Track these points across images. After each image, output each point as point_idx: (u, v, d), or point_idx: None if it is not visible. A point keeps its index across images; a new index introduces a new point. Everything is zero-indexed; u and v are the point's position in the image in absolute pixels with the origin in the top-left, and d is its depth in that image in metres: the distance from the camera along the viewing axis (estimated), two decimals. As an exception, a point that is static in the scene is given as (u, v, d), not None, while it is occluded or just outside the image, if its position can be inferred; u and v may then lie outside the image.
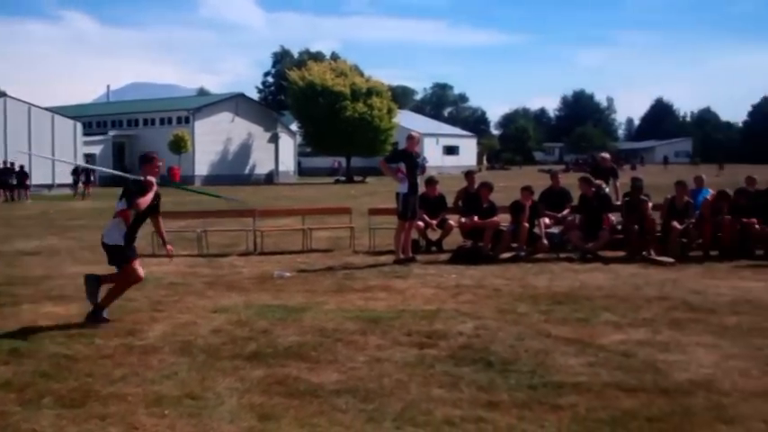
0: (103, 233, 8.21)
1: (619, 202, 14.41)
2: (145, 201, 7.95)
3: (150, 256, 12.06)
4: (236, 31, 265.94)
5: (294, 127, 64.81)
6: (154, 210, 8.31)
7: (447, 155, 78.40)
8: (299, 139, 65.61)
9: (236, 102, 60.50)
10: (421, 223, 13.56)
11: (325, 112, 55.96)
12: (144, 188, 8.03)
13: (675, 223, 12.72)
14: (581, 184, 13.67)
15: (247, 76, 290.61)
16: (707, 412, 5.11)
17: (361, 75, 63.04)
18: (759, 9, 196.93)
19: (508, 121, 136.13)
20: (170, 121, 57.25)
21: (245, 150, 59.83)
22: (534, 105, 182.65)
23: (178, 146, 52.40)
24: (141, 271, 8.21)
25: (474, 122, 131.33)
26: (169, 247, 8.72)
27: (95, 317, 7.97)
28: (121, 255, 8.04)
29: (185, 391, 5.65)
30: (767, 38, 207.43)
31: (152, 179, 8.09)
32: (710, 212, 12.98)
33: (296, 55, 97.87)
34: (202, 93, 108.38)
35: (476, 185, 14.25)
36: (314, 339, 7.19)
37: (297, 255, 13.60)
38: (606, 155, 17.40)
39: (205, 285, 10.40)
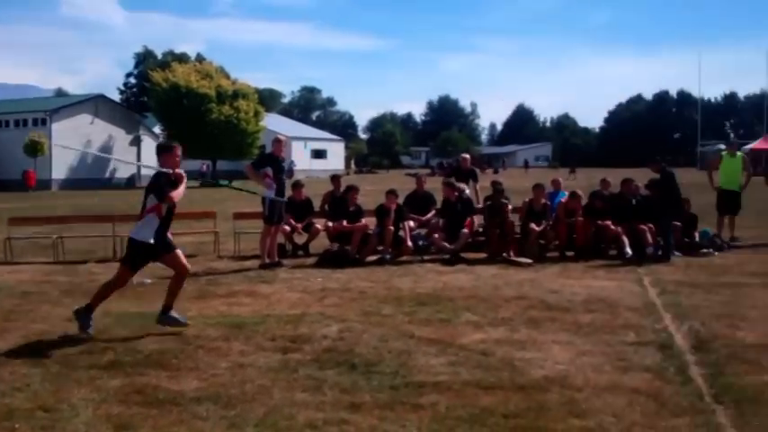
0: (132, 231, 7.80)
1: (480, 205, 14.78)
2: (178, 193, 7.59)
3: (3, 263, 11.51)
4: (97, 31, 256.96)
5: (158, 129, 63.17)
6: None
7: (315, 158, 78.37)
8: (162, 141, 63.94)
9: (95, 103, 58.28)
10: (287, 227, 13.49)
11: (189, 114, 54.84)
12: (174, 180, 7.66)
13: (533, 225, 13.18)
14: (444, 188, 13.94)
15: (109, 77, 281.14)
16: (561, 407, 5.30)
17: (228, 77, 62.19)
18: (614, 20, 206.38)
19: (376, 125, 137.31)
20: (25, 122, 54.70)
21: (105, 153, 57.86)
22: (401, 110, 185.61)
23: (34, 149, 50.16)
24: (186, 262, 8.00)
25: (342, 126, 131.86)
26: None
27: (168, 319, 7.76)
28: (142, 256, 7.69)
29: (38, 403, 5.43)
30: (622, 48, 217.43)
31: (181, 171, 7.73)
32: (566, 214, 13.50)
33: (159, 56, 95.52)
34: (61, 94, 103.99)
35: (342, 189, 14.31)
36: (174, 347, 7.04)
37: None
38: (466, 156, 17.67)
39: (61, 294, 10.02)
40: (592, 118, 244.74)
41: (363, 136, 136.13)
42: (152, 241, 7.58)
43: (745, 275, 11.09)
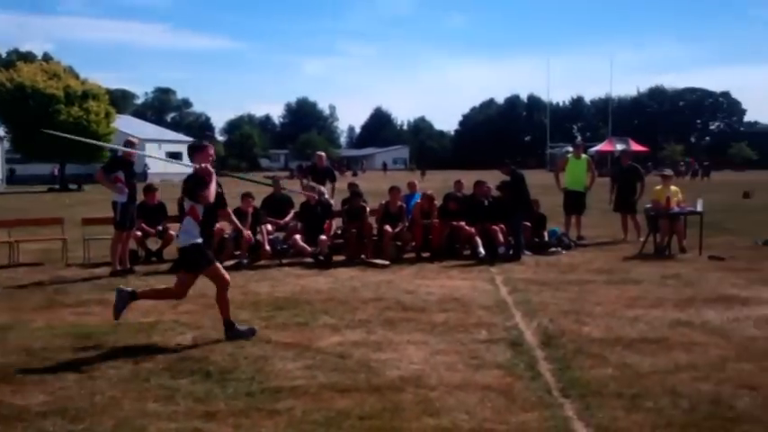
0: (178, 240, 7.59)
1: (331, 201, 14.81)
2: (210, 192, 7.19)
3: None
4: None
5: (1, 132, 60.04)
6: (220, 199, 7.59)
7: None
8: (7, 144, 60.85)
9: (-69, 104, 54.87)
10: (139, 233, 13.11)
11: (36, 115, 52.36)
12: (202, 178, 7.23)
13: (388, 227, 13.34)
14: (303, 189, 13.92)
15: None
16: (415, 406, 5.38)
17: (77, 77, 59.81)
18: (469, 26, 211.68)
19: (233, 127, 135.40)
20: None
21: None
22: (259, 112, 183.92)
23: None
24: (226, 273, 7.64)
25: (198, 128, 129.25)
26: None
27: (235, 332, 7.44)
28: (201, 254, 7.33)
29: None
30: (476, 53, 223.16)
31: (208, 166, 7.26)
32: (421, 216, 13.73)
33: (4, 54, 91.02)
34: None
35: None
36: (19, 360, 6.72)
37: (2, 270, 12.62)
38: (322, 154, 17.62)
39: None
40: (447, 121, 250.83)
41: (221, 138, 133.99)
42: (200, 240, 7.34)
43: (591, 273, 11.62)
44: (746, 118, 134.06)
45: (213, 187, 7.30)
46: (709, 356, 6.68)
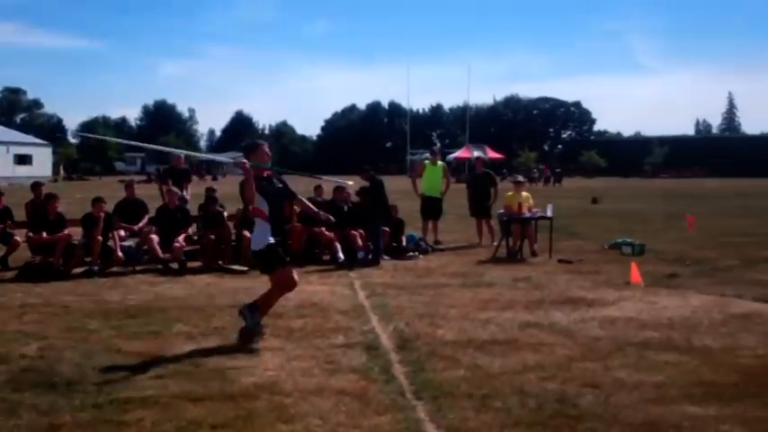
0: (252, 245, 7.64)
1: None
2: (250, 193, 7.20)
3: None
4: None
5: None
6: (284, 196, 7.73)
7: (19, 164, 72.85)
8: None
9: None
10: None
11: None
12: (246, 180, 7.27)
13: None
14: (165, 194, 13.63)
15: None
16: (269, 413, 5.34)
17: None
18: (331, 32, 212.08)
19: (87, 129, 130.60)
20: None
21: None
22: (115, 114, 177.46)
23: None
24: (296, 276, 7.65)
25: (49, 130, 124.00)
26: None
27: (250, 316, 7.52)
28: (273, 256, 7.36)
29: None
30: (338, 59, 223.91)
31: (245, 162, 7.14)
32: (281, 221, 13.65)
33: None
34: None
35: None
36: None
37: None
38: (181, 155, 17.30)
39: None
40: (310, 126, 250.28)
41: (73, 141, 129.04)
42: (272, 240, 7.36)
43: (447, 276, 11.88)
44: (596, 127, 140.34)
45: (252, 187, 7.24)
46: (555, 356, 6.95)
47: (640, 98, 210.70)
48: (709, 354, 7.05)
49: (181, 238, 12.96)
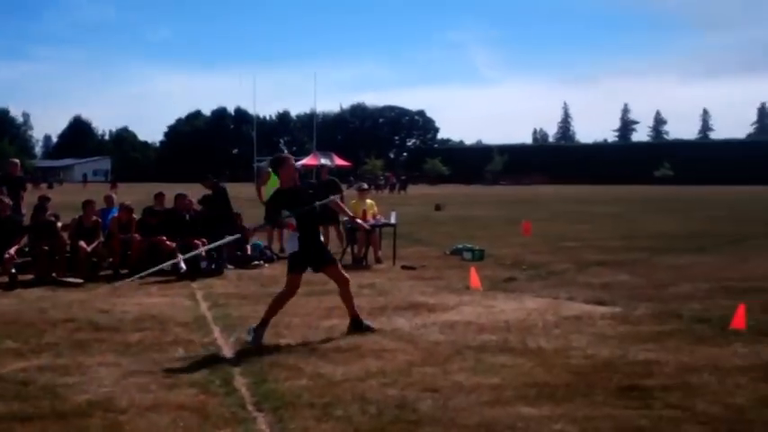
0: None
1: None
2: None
3: None
4: None
5: None
6: (310, 210, 8.11)
7: None
8: None
9: None
10: None
11: None
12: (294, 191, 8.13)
13: (83, 243, 12.65)
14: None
15: None
16: (103, 431, 5.14)
17: None
18: (175, 36, 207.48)
19: None
20: None
21: None
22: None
23: None
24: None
25: None
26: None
27: (364, 327, 8.27)
28: (292, 261, 8.09)
29: None
30: (182, 63, 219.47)
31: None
32: (120, 230, 13.21)
33: None
34: None
35: None
36: None
37: None
38: (16, 161, 16.54)
39: None
40: (153, 132, 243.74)
41: None
42: (298, 250, 8.03)
43: (291, 285, 11.80)
44: (440, 135, 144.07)
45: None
46: (397, 362, 7.03)
47: (482, 107, 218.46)
48: (543, 355, 7.33)
49: (12, 250, 12.26)
